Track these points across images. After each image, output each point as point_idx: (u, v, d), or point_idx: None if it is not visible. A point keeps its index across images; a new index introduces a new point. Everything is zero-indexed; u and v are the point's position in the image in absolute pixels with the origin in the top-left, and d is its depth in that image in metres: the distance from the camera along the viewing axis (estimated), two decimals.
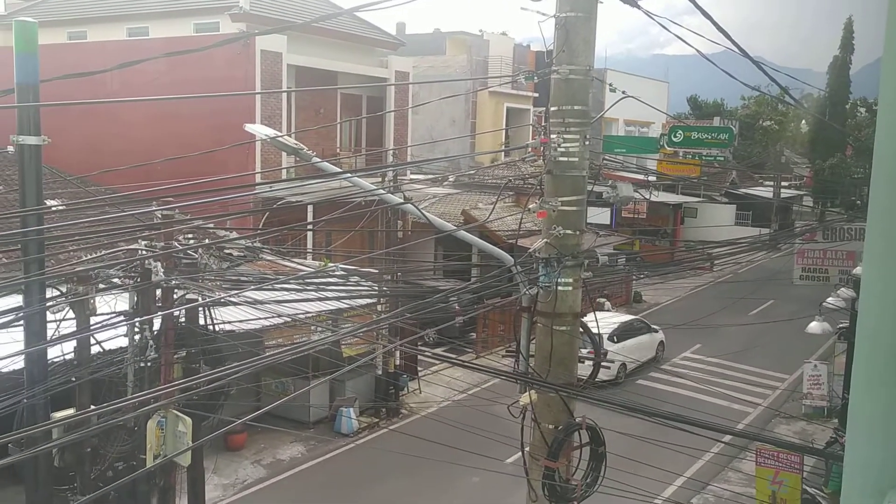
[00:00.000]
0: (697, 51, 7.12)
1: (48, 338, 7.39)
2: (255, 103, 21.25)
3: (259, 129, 6.74)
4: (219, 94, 20.35)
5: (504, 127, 36.78)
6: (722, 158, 36.41)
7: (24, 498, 7.83)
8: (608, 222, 30.81)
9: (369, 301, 15.13)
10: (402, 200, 8.59)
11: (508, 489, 12.46)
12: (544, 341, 6.26)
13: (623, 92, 7.02)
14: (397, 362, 19.49)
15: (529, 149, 6.63)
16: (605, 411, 6.40)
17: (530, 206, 6.32)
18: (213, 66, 20.15)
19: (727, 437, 13.34)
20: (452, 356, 18.50)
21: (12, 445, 9.04)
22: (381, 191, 9.35)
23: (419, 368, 20.59)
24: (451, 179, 29.36)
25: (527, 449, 6.51)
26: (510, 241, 17.54)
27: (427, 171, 28.42)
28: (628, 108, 38.86)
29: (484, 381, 18.20)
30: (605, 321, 17.90)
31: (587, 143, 6.06)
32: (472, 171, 31.72)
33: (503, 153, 35.47)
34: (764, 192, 39.60)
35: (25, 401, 7.31)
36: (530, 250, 6.23)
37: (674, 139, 35.76)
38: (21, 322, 7.08)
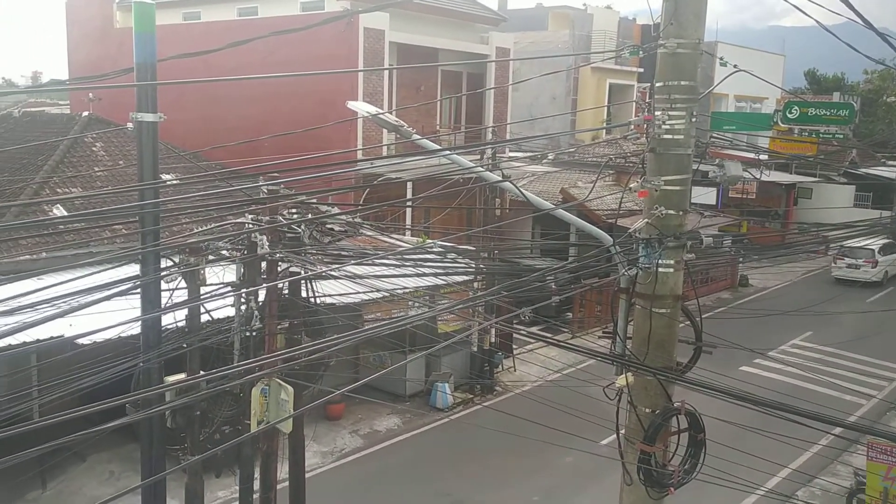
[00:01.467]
0: (817, 22, 6.71)
1: (162, 306, 7.78)
2: (357, 81, 21.58)
3: (361, 107, 6.83)
4: (322, 73, 20.75)
5: (606, 104, 35.96)
6: (841, 136, 34.37)
7: (140, 455, 8.32)
8: (714, 203, 29.72)
9: (466, 278, 15.18)
10: (500, 178, 8.54)
11: (602, 471, 12.33)
12: (643, 323, 6.11)
13: (734, 66, 6.71)
14: (492, 340, 19.54)
15: (632, 126, 6.45)
16: (706, 397, 6.20)
17: (631, 185, 6.15)
18: (319, 44, 20.56)
19: (837, 430, 12.73)
20: (548, 335, 18.40)
21: (129, 406, 9.58)
22: (480, 168, 9.33)
23: (514, 346, 20.57)
24: (550, 157, 29.04)
25: (622, 432, 6.41)
26: (609, 221, 17.20)
27: (526, 149, 28.20)
28: (740, 83, 37.13)
29: (579, 361, 18.01)
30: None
31: (694, 119, 5.83)
32: (572, 149, 31.23)
33: (604, 131, 34.74)
34: (887, 172, 37.19)
35: (141, 364, 7.73)
36: (630, 230, 6.07)
37: (789, 115, 33.99)
38: (138, 290, 7.47)
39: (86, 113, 20.09)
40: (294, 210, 9.79)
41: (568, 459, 14.66)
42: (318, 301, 9.71)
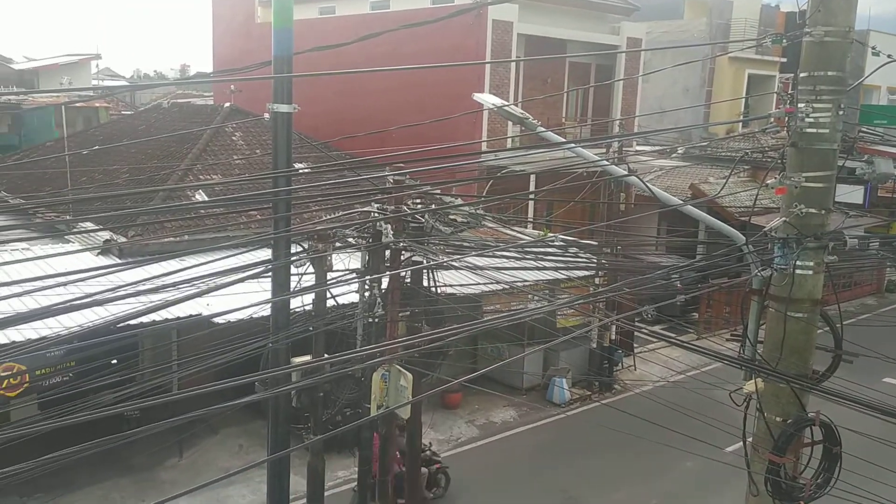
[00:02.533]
0: None
1: (291, 289, 8.10)
2: (484, 73, 21.61)
3: (487, 99, 6.82)
4: (448, 65, 20.94)
5: (744, 95, 34.31)
6: None
7: (267, 431, 8.71)
8: (861, 202, 27.79)
9: (587, 273, 14.93)
10: (626, 172, 8.32)
11: (726, 479, 11.83)
12: (776, 328, 5.80)
13: (888, 56, 6.23)
14: (613, 337, 19.15)
15: (772, 119, 6.11)
16: (845, 409, 5.82)
17: (768, 182, 5.84)
18: (447, 36, 20.74)
19: None
20: (671, 335, 17.81)
21: (258, 384, 10.05)
22: (605, 162, 9.13)
23: (635, 345, 20.07)
24: (680, 151, 28.05)
25: (749, 440, 6.12)
26: (742, 219, 16.43)
27: (655, 143, 27.32)
28: (894, 74, 34.59)
29: (704, 363, 17.34)
30: None
31: (841, 112, 5.45)
32: (705, 143, 30.01)
33: (741, 124, 33.16)
34: None
35: (270, 345, 8.08)
36: (765, 229, 5.77)
37: None
38: (269, 274, 7.81)
39: (227, 104, 21.18)
40: (418, 200, 9.94)
41: (688, 464, 14.17)
42: (438, 290, 9.82)
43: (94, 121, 30.97)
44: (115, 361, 9.76)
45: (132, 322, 10.44)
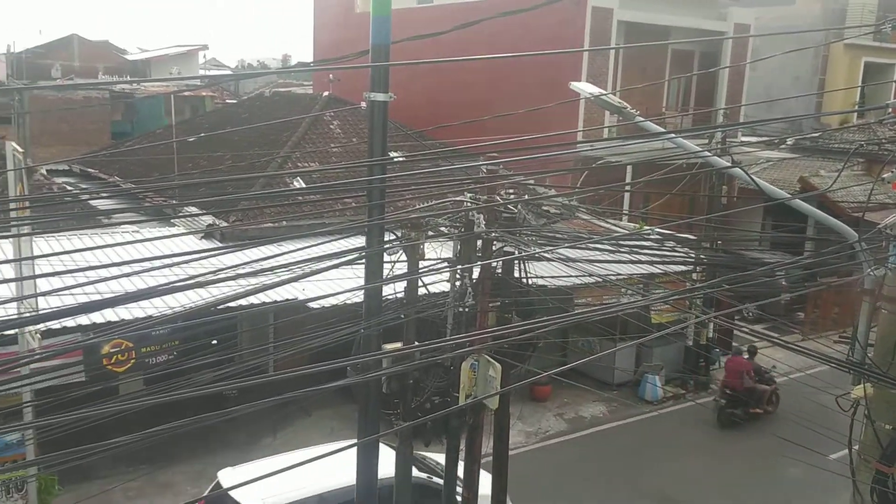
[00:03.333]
0: None
1: (384, 276, 8.18)
2: (581, 61, 21.22)
3: (584, 87, 6.68)
4: (542, 53, 20.64)
5: (860, 84, 32.45)
6: None
7: (358, 416, 8.86)
8: None
9: (684, 268, 14.47)
10: (729, 164, 7.99)
11: (830, 488, 11.29)
12: (889, 330, 5.45)
13: None
14: (710, 335, 18.54)
15: (890, 109, 5.72)
16: None
17: (884, 176, 5.47)
18: (546, 24, 20.48)
19: None
20: (774, 335, 17.08)
21: (350, 369, 10.24)
22: (707, 153, 8.79)
23: (734, 343, 19.36)
24: (788, 142, 26.80)
25: (855, 447, 5.79)
26: (855, 215, 15.55)
27: (761, 133, 26.21)
28: None
29: (809, 366, 16.54)
30: None
31: None
32: (816, 134, 28.57)
33: (856, 114, 31.39)
34: None
35: (362, 331, 8.19)
36: (880, 226, 5.41)
37: None
38: (363, 261, 7.91)
39: (326, 93, 21.62)
40: (511, 190, 9.86)
41: (792, 470, 13.59)
42: (529, 282, 9.73)
43: (200, 109, 32.27)
44: (215, 342, 10.13)
45: (232, 304, 10.84)
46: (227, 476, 11.00)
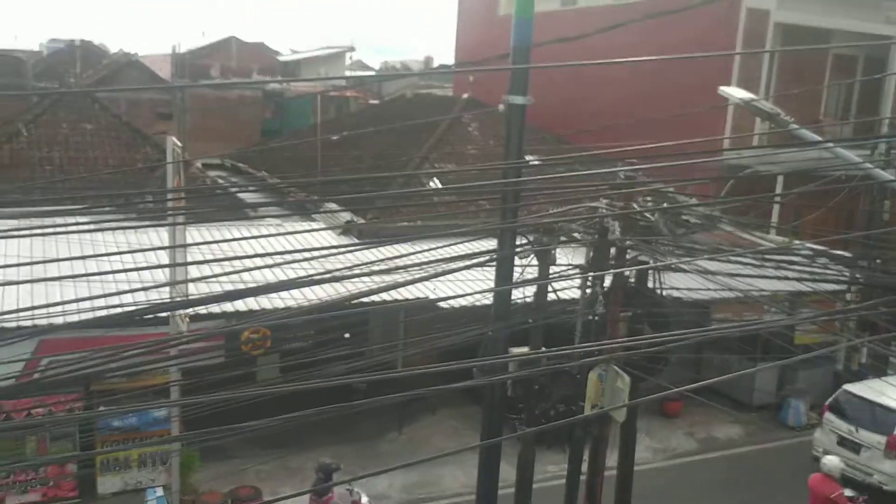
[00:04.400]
0: None
1: (514, 280, 8.12)
2: (732, 65, 20.28)
3: (734, 92, 6.36)
4: (694, 56, 19.85)
5: None
6: None
7: (481, 417, 8.86)
8: None
9: (837, 287, 13.49)
10: (893, 178, 7.36)
11: None
12: None
13: None
14: (863, 360, 17.22)
15: None
16: None
17: None
18: (695, 26, 19.72)
19: None
20: None
21: (476, 370, 10.26)
22: (869, 165, 8.16)
23: (889, 371, 17.88)
24: None
25: None
26: None
27: None
28: None
29: None
30: None
31: None
32: None
33: None
34: None
35: (489, 333, 8.18)
36: None
37: None
38: (493, 264, 7.89)
39: (465, 95, 21.82)
40: (649, 198, 9.54)
41: None
42: (664, 293, 9.38)
43: (344, 109, 33.46)
44: (347, 335, 10.43)
45: (365, 300, 11.13)
46: None
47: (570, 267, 8.91)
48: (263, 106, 32.74)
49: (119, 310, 7.74)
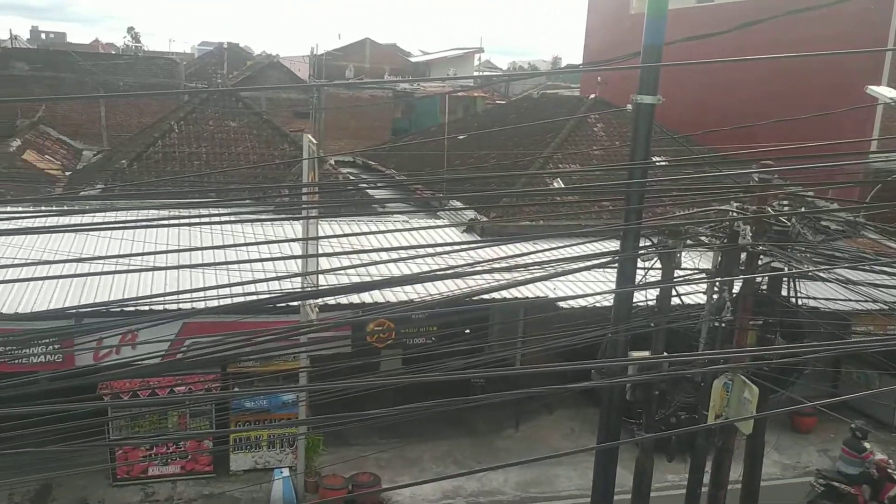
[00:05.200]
0: None
1: (636, 283, 8.01)
2: (882, 63, 18.99)
3: (883, 92, 6.02)
4: (838, 52, 18.77)
5: None
6: None
7: (599, 420, 8.78)
8: None
9: None
10: None
11: None
12: None
13: None
14: None
15: None
16: None
17: None
18: (838, 21, 18.62)
19: None
20: None
21: (594, 372, 10.16)
22: None
23: None
24: None
25: None
26: None
27: None
28: None
29: None
30: None
31: None
32: None
33: None
34: None
35: (609, 335, 8.10)
36: None
37: None
38: (615, 265, 7.81)
39: (592, 95, 21.56)
40: (785, 202, 9.14)
41: None
42: (799, 302, 8.96)
43: (471, 109, 33.80)
44: (467, 331, 10.61)
45: (486, 296, 11.27)
46: None
47: (696, 271, 8.68)
48: (394, 105, 33.60)
49: (254, 297, 8.23)
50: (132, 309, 10.76)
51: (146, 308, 10.87)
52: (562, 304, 11.62)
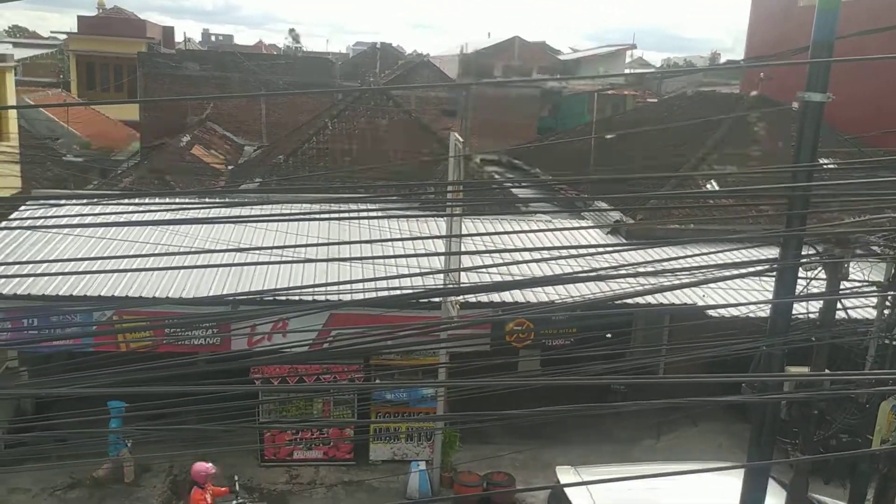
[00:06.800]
0: None
1: (796, 293, 7.49)
2: None
3: None
4: None
5: None
6: None
7: (749, 437, 8.29)
8: None
9: None
10: None
11: None
12: None
13: None
14: None
15: None
16: None
17: None
18: None
19: None
20: None
21: (745, 386, 9.61)
22: None
23: None
24: None
25: None
26: None
27: None
28: None
29: None
30: None
31: None
32: None
33: None
34: None
35: (764, 348, 7.63)
36: None
37: None
38: (774, 273, 7.33)
39: (753, 93, 20.44)
40: None
41: None
42: None
43: (620, 108, 33.00)
44: (608, 335, 10.33)
45: (629, 301, 10.94)
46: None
47: (866, 283, 8.00)
48: (541, 104, 33.38)
49: (398, 292, 8.38)
50: (283, 298, 11.30)
51: (296, 298, 11.38)
52: (712, 312, 11.09)
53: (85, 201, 13.97)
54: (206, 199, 13.08)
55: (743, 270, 7.24)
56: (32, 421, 13.02)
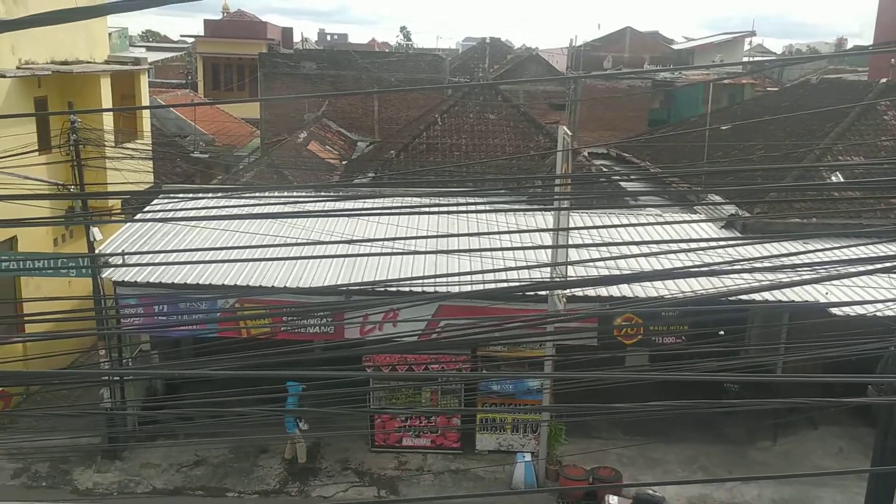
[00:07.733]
0: None
1: None
2: None
3: None
4: None
5: None
6: None
7: (874, 441, 7.89)
8: None
9: None
10: None
11: None
12: None
13: None
14: None
15: None
16: None
17: None
18: None
19: None
20: None
21: (871, 388, 9.14)
22: None
23: None
24: None
25: None
26: None
27: None
28: None
29: None
30: None
31: None
32: None
33: None
34: None
35: (893, 348, 7.24)
36: None
37: None
38: None
39: (884, 80, 19.24)
40: None
41: None
42: None
43: (738, 97, 31.72)
44: (722, 332, 10.03)
45: (744, 297, 10.58)
46: None
47: None
48: (652, 96, 32.55)
49: (505, 284, 8.46)
50: (394, 289, 11.60)
51: (407, 289, 11.64)
52: (835, 310, 10.57)
53: (210, 195, 14.78)
54: (322, 193, 13.55)
55: (870, 267, 6.88)
56: (163, 401, 13.93)
